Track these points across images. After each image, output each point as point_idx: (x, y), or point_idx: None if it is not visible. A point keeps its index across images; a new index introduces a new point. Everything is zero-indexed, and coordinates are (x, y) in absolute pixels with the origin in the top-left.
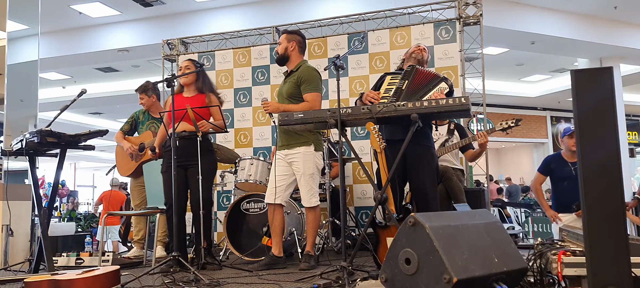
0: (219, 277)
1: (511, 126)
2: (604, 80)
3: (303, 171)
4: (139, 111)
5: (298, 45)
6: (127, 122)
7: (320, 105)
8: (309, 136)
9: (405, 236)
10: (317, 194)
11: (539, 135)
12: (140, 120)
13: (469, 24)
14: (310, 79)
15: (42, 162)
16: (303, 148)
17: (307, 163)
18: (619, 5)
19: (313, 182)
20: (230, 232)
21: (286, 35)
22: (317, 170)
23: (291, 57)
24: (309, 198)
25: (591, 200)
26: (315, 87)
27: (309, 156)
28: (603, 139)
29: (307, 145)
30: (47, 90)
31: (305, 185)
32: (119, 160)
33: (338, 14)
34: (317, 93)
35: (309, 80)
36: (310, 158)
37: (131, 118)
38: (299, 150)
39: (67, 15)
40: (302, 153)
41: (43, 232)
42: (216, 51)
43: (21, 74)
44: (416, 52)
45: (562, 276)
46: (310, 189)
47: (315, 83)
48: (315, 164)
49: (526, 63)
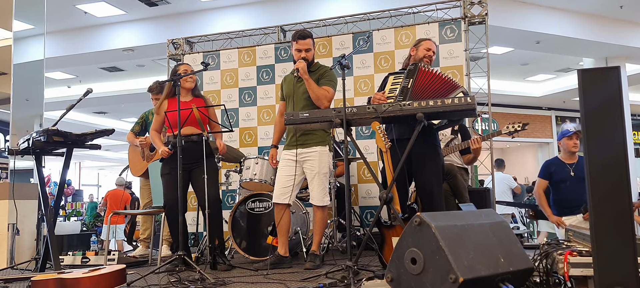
0: (225, 276)
1: (518, 130)
2: (611, 80)
3: (318, 170)
4: (148, 111)
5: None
6: (138, 123)
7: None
8: (324, 136)
9: (411, 236)
10: (327, 193)
11: (544, 135)
12: (149, 120)
13: (474, 24)
14: (330, 77)
15: (47, 161)
16: (319, 148)
17: (323, 162)
18: (625, 4)
19: (326, 181)
20: (235, 231)
21: (309, 39)
22: (329, 170)
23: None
24: (322, 196)
25: (598, 200)
26: (335, 85)
27: (324, 155)
28: (610, 139)
29: (323, 145)
30: (53, 90)
31: (319, 184)
32: (132, 160)
33: (343, 13)
34: (334, 91)
35: (330, 78)
36: (326, 158)
37: (141, 118)
38: (315, 149)
39: (72, 14)
40: (319, 153)
41: (49, 231)
42: (221, 50)
43: (27, 74)
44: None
45: (568, 276)
46: (324, 188)
47: (335, 82)
48: (329, 164)
49: (531, 62)
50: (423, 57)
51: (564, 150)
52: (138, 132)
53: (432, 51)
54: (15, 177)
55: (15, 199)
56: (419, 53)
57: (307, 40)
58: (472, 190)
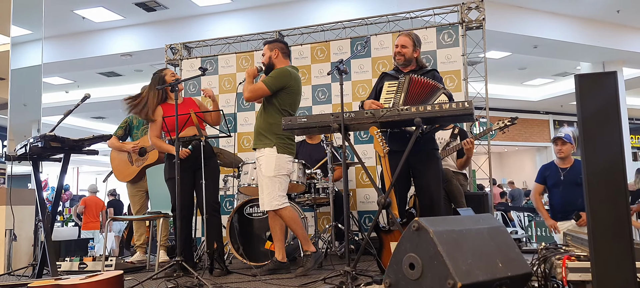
0: (223, 281)
1: (508, 125)
2: (608, 85)
3: (263, 173)
4: (132, 116)
5: (281, 51)
6: (121, 127)
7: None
8: (271, 138)
9: (409, 241)
10: (280, 197)
11: (542, 139)
12: (134, 124)
13: (471, 28)
14: (275, 74)
15: (45, 166)
16: (267, 150)
17: (268, 165)
18: (622, 9)
19: (273, 185)
20: (233, 237)
21: (268, 45)
22: (280, 173)
23: (276, 64)
24: (270, 200)
25: (595, 204)
26: (270, 82)
27: (271, 158)
28: (607, 143)
29: (270, 146)
30: (51, 95)
31: (264, 188)
32: (116, 165)
33: (341, 18)
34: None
35: (273, 74)
36: (272, 160)
37: (124, 122)
38: (262, 152)
39: (70, 20)
40: (266, 155)
41: (46, 237)
42: (219, 55)
43: (25, 79)
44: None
45: (566, 281)
46: (270, 192)
47: (274, 79)
48: (278, 166)
49: (529, 67)
50: (394, 55)
51: (555, 154)
52: (121, 136)
53: (401, 46)
54: (12, 182)
55: (13, 205)
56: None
57: (264, 49)
58: (470, 195)
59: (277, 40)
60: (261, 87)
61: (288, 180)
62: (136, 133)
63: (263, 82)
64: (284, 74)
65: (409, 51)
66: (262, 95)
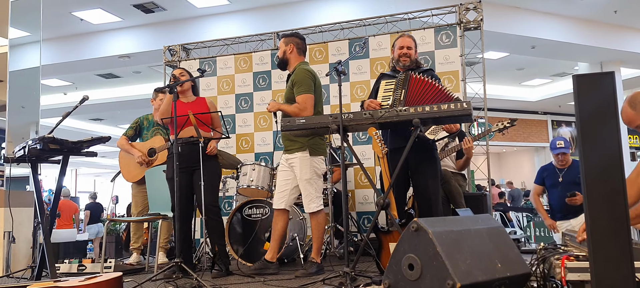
0: (222, 283)
1: (507, 126)
2: (606, 85)
3: (300, 176)
4: (143, 116)
5: (296, 47)
6: (131, 127)
7: (311, 107)
8: (304, 141)
9: (408, 241)
10: (317, 199)
11: (540, 139)
12: (144, 125)
13: (469, 29)
14: (300, 80)
15: (43, 168)
16: (299, 154)
17: (304, 168)
18: (619, 9)
19: (311, 187)
20: (232, 238)
21: (284, 39)
22: (315, 175)
23: (290, 60)
24: (308, 203)
25: (594, 204)
26: (305, 89)
27: (305, 161)
28: (605, 144)
29: (303, 151)
30: (49, 97)
31: (303, 191)
32: (124, 165)
33: (339, 19)
34: (307, 94)
35: (300, 82)
36: (306, 163)
37: (135, 123)
38: (296, 156)
39: (68, 22)
40: (299, 159)
41: (45, 239)
42: (217, 57)
43: (23, 81)
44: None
45: (565, 281)
46: (309, 194)
47: (306, 84)
48: (313, 169)
49: (527, 67)
50: (399, 57)
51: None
52: (131, 136)
53: (406, 47)
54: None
55: (11, 207)
56: (395, 54)
57: (280, 43)
58: (469, 195)
59: (293, 34)
60: (305, 98)
61: (322, 180)
62: (146, 134)
63: (298, 92)
64: (306, 75)
65: (413, 52)
66: (311, 103)
